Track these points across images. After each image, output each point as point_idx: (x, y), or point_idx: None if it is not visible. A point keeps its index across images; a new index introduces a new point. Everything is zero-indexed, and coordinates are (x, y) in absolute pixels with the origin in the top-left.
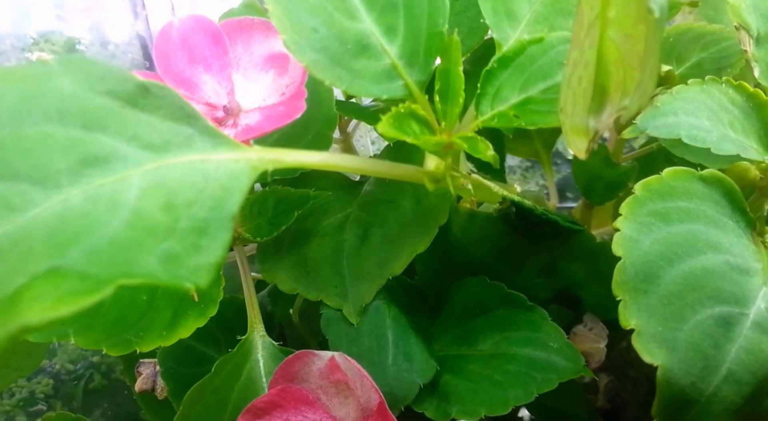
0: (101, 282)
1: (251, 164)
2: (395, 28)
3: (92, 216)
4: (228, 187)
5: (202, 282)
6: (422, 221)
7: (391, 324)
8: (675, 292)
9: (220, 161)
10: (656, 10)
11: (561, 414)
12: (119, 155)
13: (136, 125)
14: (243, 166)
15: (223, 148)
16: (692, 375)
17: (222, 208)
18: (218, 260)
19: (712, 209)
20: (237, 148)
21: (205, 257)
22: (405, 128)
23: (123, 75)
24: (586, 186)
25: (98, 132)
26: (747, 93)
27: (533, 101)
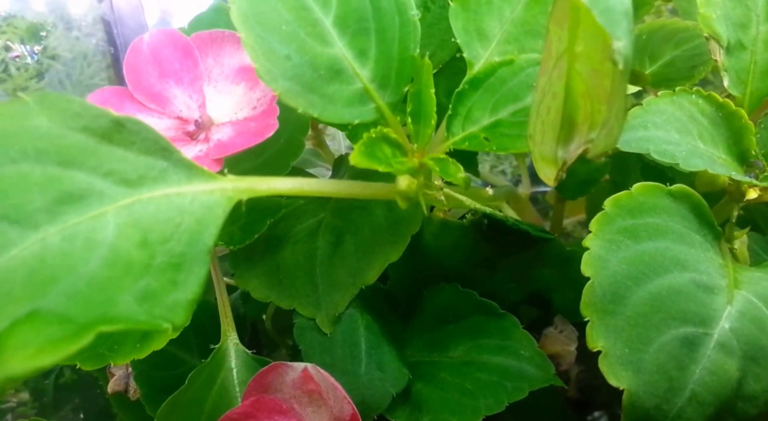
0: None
1: (226, 195)
2: (367, 52)
3: (70, 255)
4: (203, 220)
5: (178, 320)
6: (395, 229)
7: (364, 333)
8: (642, 313)
9: (195, 193)
10: (620, 62)
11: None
12: (95, 192)
13: (112, 161)
14: (218, 198)
15: (197, 179)
16: (657, 397)
17: (198, 242)
18: (195, 295)
19: (681, 224)
20: (211, 179)
21: (182, 293)
22: (377, 153)
23: (98, 111)
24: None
25: (74, 169)
26: (716, 103)
27: (503, 124)
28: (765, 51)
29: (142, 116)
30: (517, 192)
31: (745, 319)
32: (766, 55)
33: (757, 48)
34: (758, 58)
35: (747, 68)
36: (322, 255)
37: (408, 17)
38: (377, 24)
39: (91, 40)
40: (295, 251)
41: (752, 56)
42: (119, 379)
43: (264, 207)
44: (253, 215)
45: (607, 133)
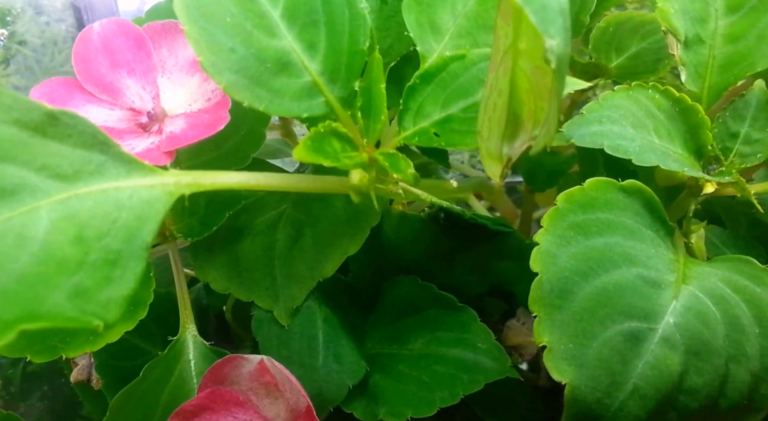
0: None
1: (167, 190)
2: (316, 45)
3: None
4: (142, 215)
5: (111, 316)
6: (354, 222)
7: (322, 325)
8: (587, 308)
9: (135, 188)
10: (553, 61)
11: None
12: (27, 186)
13: (46, 155)
14: (158, 193)
15: (137, 174)
16: (599, 391)
17: (135, 238)
18: (130, 291)
19: (632, 220)
20: (152, 173)
21: (117, 290)
22: (325, 148)
23: (31, 104)
24: (528, 173)
25: (5, 163)
26: (673, 98)
27: (454, 119)
28: (724, 45)
29: (92, 107)
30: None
31: (689, 314)
32: (724, 50)
33: (715, 42)
34: (717, 53)
35: (705, 63)
36: (282, 248)
37: (358, 10)
38: (327, 17)
39: (61, 26)
40: (255, 243)
41: (711, 51)
42: (82, 368)
43: (223, 199)
44: (213, 207)
45: (547, 131)
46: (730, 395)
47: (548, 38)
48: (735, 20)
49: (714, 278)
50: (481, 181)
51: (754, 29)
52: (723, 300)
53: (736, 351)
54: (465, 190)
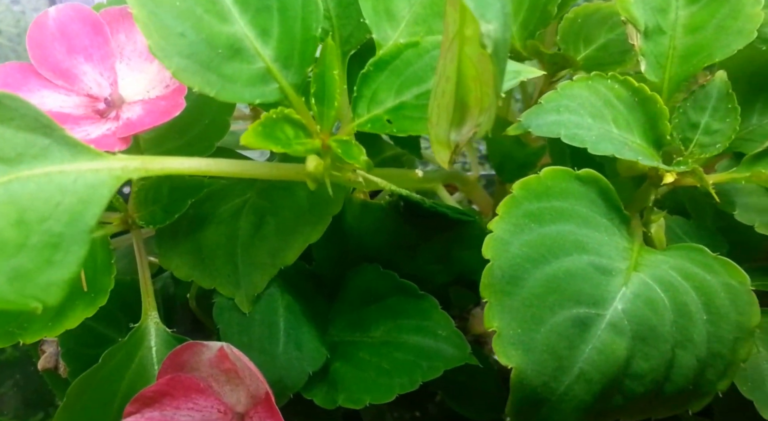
0: None
1: (113, 174)
2: (269, 30)
3: None
4: (86, 199)
5: (52, 299)
6: (316, 210)
7: (283, 313)
8: (537, 294)
9: (79, 172)
10: (489, 46)
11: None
12: None
13: None
14: (104, 177)
15: (82, 157)
16: (545, 375)
17: (79, 221)
18: (72, 274)
19: (587, 208)
20: (98, 157)
21: (58, 273)
22: (277, 134)
23: None
24: (499, 165)
25: None
26: (632, 88)
27: (407, 106)
28: (684, 36)
29: (48, 93)
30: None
31: (638, 300)
32: (685, 40)
33: (676, 33)
34: (677, 43)
35: (666, 53)
36: (244, 235)
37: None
38: (280, 3)
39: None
40: (218, 231)
41: (671, 41)
42: (49, 356)
43: (186, 187)
44: (176, 195)
45: (488, 117)
46: (676, 380)
47: (485, 23)
48: (695, 11)
49: (666, 265)
50: (455, 173)
51: (713, 20)
52: (673, 287)
53: (683, 337)
54: (433, 181)
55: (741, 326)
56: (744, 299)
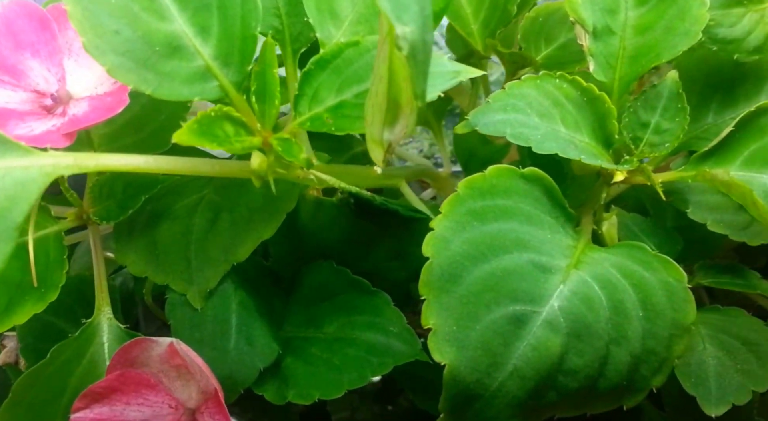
0: None
1: (44, 171)
2: (209, 29)
3: None
4: (15, 196)
5: None
6: (270, 207)
7: (236, 308)
8: (474, 292)
9: (8, 169)
10: (405, 48)
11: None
12: None
13: None
14: (34, 174)
15: (11, 154)
16: (478, 372)
17: (5, 219)
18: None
19: (531, 206)
20: (28, 154)
21: None
22: (216, 132)
23: None
24: (465, 162)
25: None
26: (581, 88)
27: (347, 105)
28: (633, 36)
29: None
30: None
31: (575, 298)
32: (634, 41)
33: (626, 33)
34: (627, 44)
35: (616, 53)
36: (198, 231)
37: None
38: (219, 1)
39: None
40: (173, 227)
41: (621, 42)
42: (10, 351)
43: (140, 183)
44: (130, 191)
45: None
46: (610, 376)
47: (401, 25)
48: (644, 12)
49: (607, 263)
50: (427, 169)
51: (661, 21)
52: (611, 284)
53: (618, 334)
54: (396, 178)
55: (676, 322)
56: (681, 296)
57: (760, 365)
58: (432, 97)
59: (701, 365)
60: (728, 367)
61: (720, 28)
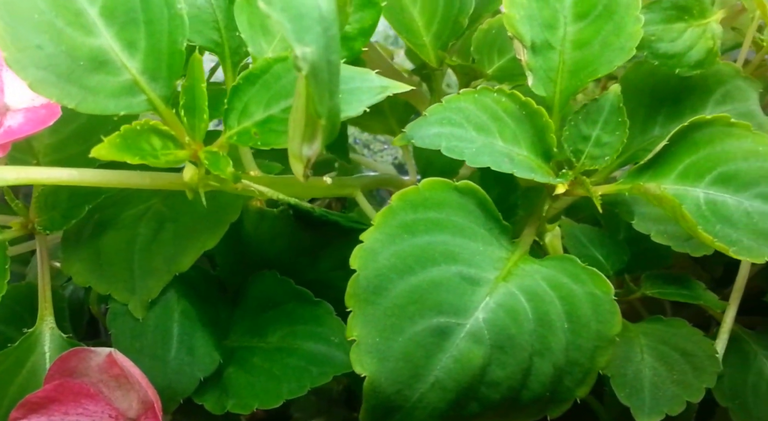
0: None
1: None
2: (136, 43)
3: None
4: None
5: None
6: (214, 218)
7: (178, 318)
8: (399, 304)
9: None
10: (305, 69)
11: None
12: None
13: None
14: None
15: None
16: (399, 383)
17: None
18: None
19: (464, 219)
20: None
21: None
22: (142, 145)
23: None
24: (423, 171)
25: None
26: (520, 102)
27: (274, 120)
28: (572, 51)
29: None
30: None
31: (500, 310)
32: (573, 55)
33: (565, 48)
34: (566, 58)
35: (556, 68)
36: (142, 241)
37: (176, 11)
38: (146, 16)
39: None
40: (117, 237)
41: (561, 56)
42: None
43: (84, 193)
44: (74, 200)
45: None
46: (533, 387)
47: (302, 46)
48: (582, 27)
49: (538, 275)
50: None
51: (599, 36)
52: (538, 297)
53: (542, 346)
54: (351, 187)
55: (601, 334)
56: (606, 308)
57: (695, 376)
58: (357, 113)
59: (637, 375)
60: (664, 377)
61: (661, 43)
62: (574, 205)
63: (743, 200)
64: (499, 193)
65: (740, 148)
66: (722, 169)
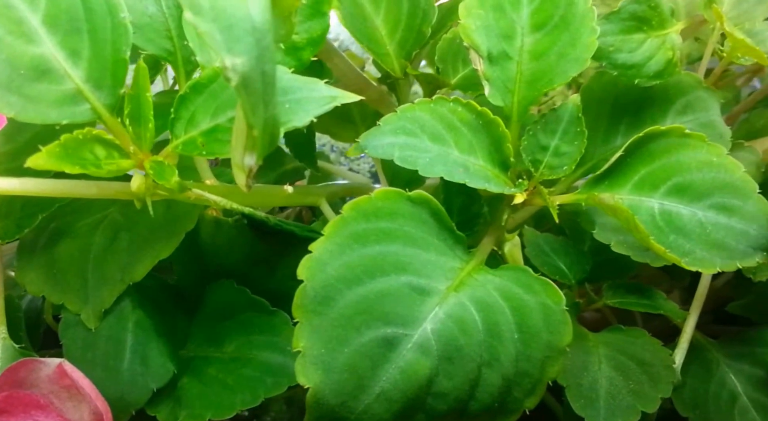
0: None
1: None
2: (79, 52)
3: None
4: None
5: None
6: (170, 227)
7: (132, 328)
8: (346, 315)
9: None
10: (234, 79)
11: None
12: None
13: None
14: None
15: None
16: (344, 395)
17: None
18: None
19: (417, 229)
20: None
21: None
22: (85, 155)
23: None
24: (390, 179)
25: None
26: (476, 111)
27: (220, 129)
28: (530, 61)
29: None
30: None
31: (449, 320)
32: (531, 66)
33: (522, 58)
34: (524, 69)
35: (514, 78)
36: (97, 250)
37: (119, 19)
38: (90, 25)
39: None
40: (73, 246)
41: (519, 66)
42: None
43: (37, 202)
44: (27, 209)
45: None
46: (481, 398)
47: (231, 56)
48: (539, 38)
49: (491, 286)
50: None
51: (555, 47)
52: (488, 307)
53: (491, 356)
54: (315, 196)
55: (551, 345)
56: (557, 318)
57: (651, 386)
58: (304, 123)
59: (593, 385)
60: (621, 387)
61: (620, 53)
62: (542, 215)
63: (697, 211)
64: (462, 203)
65: (695, 158)
66: (677, 180)
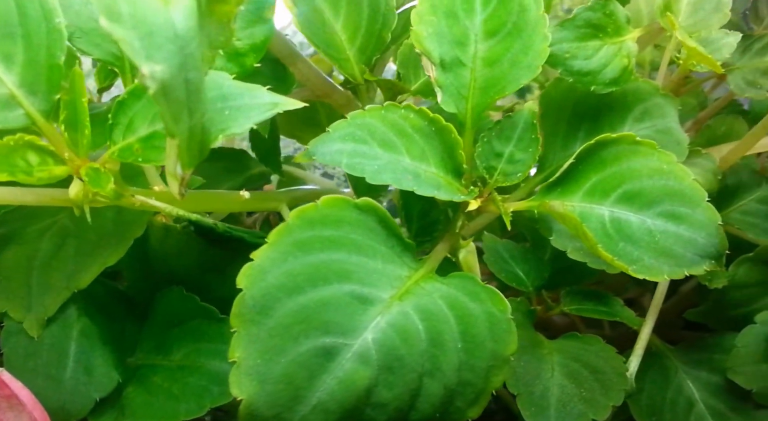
0: None
1: None
2: (13, 57)
3: None
4: None
5: None
6: (119, 233)
7: (76, 336)
8: (284, 324)
9: None
10: (152, 87)
11: None
12: None
13: None
14: None
15: None
16: (279, 406)
17: None
18: None
19: (364, 237)
20: None
21: None
22: (17, 161)
23: None
24: (354, 187)
25: None
26: (428, 118)
27: (158, 136)
28: (483, 68)
29: None
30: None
31: (391, 330)
32: (485, 72)
33: (476, 65)
34: (478, 75)
35: (468, 85)
36: (43, 257)
37: (54, 24)
38: (24, 30)
39: None
40: (18, 252)
41: (472, 73)
42: None
43: None
44: None
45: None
46: (422, 408)
47: (150, 64)
48: (492, 45)
49: (437, 294)
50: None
51: (508, 54)
52: (433, 316)
53: (433, 366)
54: (276, 201)
55: (496, 354)
56: (502, 327)
57: (602, 394)
58: (244, 130)
59: (545, 393)
60: (572, 395)
61: (575, 60)
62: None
63: (646, 218)
64: (422, 208)
65: (646, 166)
66: (627, 187)
